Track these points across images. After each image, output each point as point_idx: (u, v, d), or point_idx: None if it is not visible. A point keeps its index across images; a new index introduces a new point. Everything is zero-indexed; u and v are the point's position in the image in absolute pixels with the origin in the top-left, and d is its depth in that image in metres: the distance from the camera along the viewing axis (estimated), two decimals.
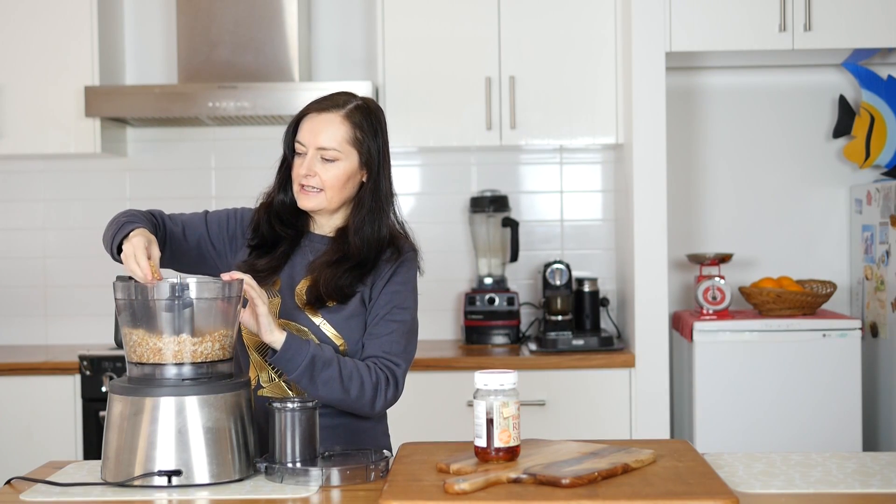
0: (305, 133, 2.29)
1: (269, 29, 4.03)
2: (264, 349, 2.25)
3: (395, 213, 2.36)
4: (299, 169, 2.28)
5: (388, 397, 2.23)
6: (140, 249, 2.08)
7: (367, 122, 2.30)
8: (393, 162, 4.73)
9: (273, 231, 2.34)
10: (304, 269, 2.32)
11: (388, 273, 2.29)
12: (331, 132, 2.27)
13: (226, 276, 2.08)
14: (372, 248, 2.29)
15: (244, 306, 2.14)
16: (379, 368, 2.23)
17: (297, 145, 2.30)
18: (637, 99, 3.76)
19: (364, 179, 2.32)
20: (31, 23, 4.01)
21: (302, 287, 2.30)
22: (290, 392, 2.27)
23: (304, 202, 2.30)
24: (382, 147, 2.32)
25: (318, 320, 2.27)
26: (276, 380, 2.28)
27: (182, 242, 2.34)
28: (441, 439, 2.69)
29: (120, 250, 2.16)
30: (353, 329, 2.27)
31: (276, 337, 2.14)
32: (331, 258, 2.28)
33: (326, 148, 2.27)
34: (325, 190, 2.28)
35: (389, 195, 2.34)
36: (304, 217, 2.37)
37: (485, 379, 1.97)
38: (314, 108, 2.31)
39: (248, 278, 2.12)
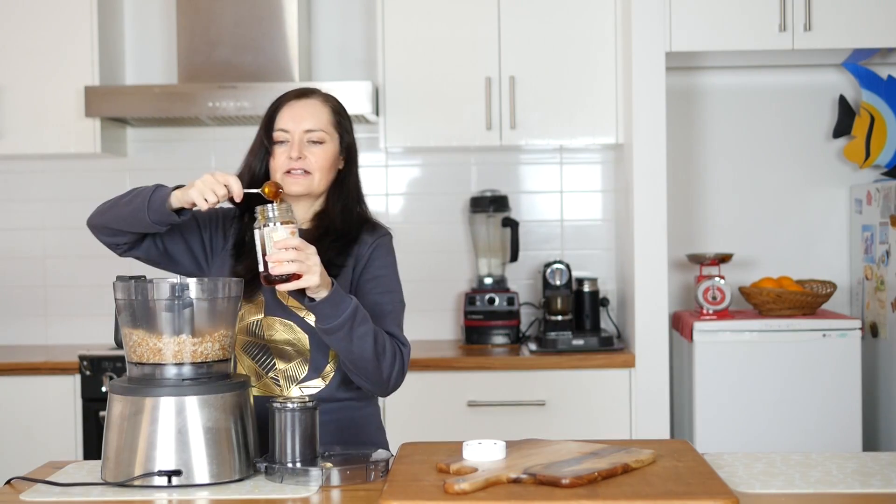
0: (287, 120, 2.31)
1: (269, 29, 4.03)
2: (258, 345, 2.26)
3: (365, 205, 2.41)
4: (287, 154, 2.30)
5: (397, 370, 2.25)
6: (221, 175, 2.13)
7: (342, 108, 2.39)
8: (393, 162, 4.75)
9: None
10: None
11: (367, 253, 2.32)
12: (316, 115, 2.32)
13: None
14: (354, 224, 2.34)
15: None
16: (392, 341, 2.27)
17: (278, 134, 2.31)
18: (637, 99, 3.76)
19: (341, 167, 2.37)
20: (30, 23, 4.01)
21: None
22: (277, 389, 2.27)
23: (292, 186, 2.31)
24: (353, 136, 2.40)
25: (302, 313, 2.27)
26: (264, 377, 2.29)
27: (159, 246, 2.35)
28: (441, 439, 2.69)
29: (156, 216, 2.18)
30: None
31: (326, 280, 2.12)
32: (313, 236, 2.29)
33: (314, 129, 2.31)
34: (312, 173, 2.31)
35: (361, 184, 2.41)
36: None
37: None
38: (292, 97, 2.35)
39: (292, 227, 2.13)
